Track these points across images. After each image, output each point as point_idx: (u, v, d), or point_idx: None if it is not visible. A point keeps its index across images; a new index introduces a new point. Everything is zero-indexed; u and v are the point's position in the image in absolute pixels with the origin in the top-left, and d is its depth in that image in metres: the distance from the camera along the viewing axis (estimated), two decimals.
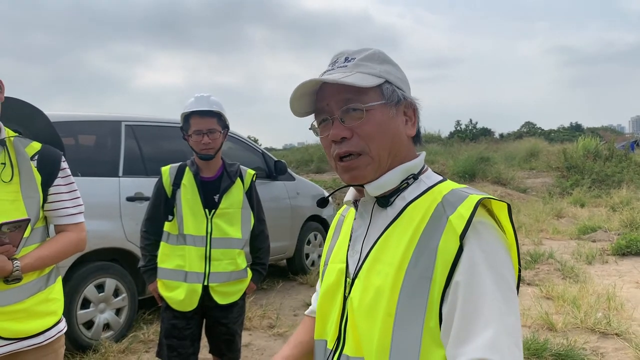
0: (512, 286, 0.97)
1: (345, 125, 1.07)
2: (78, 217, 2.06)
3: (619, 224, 9.33)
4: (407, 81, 1.15)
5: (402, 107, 1.11)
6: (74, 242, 2.03)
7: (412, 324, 0.97)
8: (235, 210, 2.77)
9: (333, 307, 1.14)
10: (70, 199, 2.03)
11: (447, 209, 1.01)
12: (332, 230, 1.31)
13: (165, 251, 2.75)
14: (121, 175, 4.60)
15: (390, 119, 1.08)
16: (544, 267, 6.79)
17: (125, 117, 4.91)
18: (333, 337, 1.12)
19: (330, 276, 1.17)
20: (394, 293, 0.99)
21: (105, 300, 4.35)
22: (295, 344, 1.29)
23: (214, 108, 2.66)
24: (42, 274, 1.95)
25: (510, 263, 1.00)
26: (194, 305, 2.69)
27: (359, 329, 1.04)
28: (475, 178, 16.10)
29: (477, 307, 0.92)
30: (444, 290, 0.96)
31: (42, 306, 1.93)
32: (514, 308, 0.95)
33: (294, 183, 6.45)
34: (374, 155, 1.07)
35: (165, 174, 2.79)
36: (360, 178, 1.09)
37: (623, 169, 16.01)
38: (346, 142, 1.07)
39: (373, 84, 1.06)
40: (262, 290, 6.01)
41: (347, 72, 1.08)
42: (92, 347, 4.15)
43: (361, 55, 1.11)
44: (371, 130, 1.06)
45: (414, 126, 1.13)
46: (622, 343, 4.20)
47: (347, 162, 1.08)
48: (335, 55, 1.14)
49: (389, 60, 1.13)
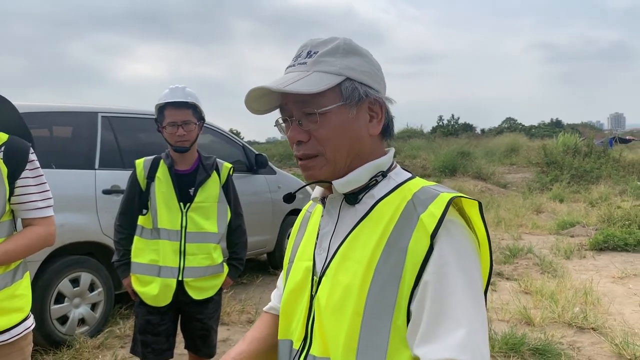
0: (480, 287, 0.97)
1: (303, 127, 1.04)
2: (47, 210, 2.00)
3: (597, 219, 9.45)
4: (376, 73, 1.09)
5: (364, 104, 1.06)
6: (42, 236, 1.97)
7: (380, 322, 0.95)
8: (211, 204, 2.72)
9: (299, 306, 1.11)
10: (39, 192, 1.96)
11: (417, 207, 0.99)
12: (297, 227, 1.28)
13: (139, 245, 2.70)
14: (97, 168, 4.52)
15: (348, 120, 1.04)
16: (523, 262, 6.85)
17: (102, 109, 4.82)
18: (299, 337, 1.09)
19: (296, 274, 1.14)
20: (362, 291, 0.97)
21: (80, 294, 4.28)
22: (251, 340, 1.25)
23: (188, 99, 2.61)
24: (7, 269, 1.89)
25: (479, 263, 1.00)
26: (168, 300, 2.64)
27: (325, 328, 1.01)
28: (457, 173, 16.21)
29: (446, 307, 0.91)
30: (413, 289, 0.94)
31: (7, 302, 1.87)
32: (482, 309, 0.95)
33: (275, 177, 6.41)
34: (329, 158, 1.04)
35: (139, 166, 2.73)
36: (317, 177, 1.07)
37: (601, 165, 16.24)
38: (303, 145, 1.05)
39: (326, 87, 1.00)
40: (242, 284, 5.96)
41: (304, 71, 1.04)
42: (66, 343, 4.07)
43: (324, 48, 1.05)
44: (327, 134, 1.03)
45: (379, 123, 1.08)
46: (598, 337, 4.25)
47: (304, 162, 1.07)
48: (300, 47, 1.10)
49: (355, 50, 1.07)
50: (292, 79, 1.02)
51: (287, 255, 1.25)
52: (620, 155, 17.30)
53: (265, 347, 1.24)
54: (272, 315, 1.31)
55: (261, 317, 1.34)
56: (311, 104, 1.02)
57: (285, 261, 1.25)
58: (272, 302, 1.33)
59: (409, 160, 18.15)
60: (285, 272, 1.23)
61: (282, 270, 1.28)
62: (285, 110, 1.07)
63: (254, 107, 1.08)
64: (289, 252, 1.24)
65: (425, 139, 23.97)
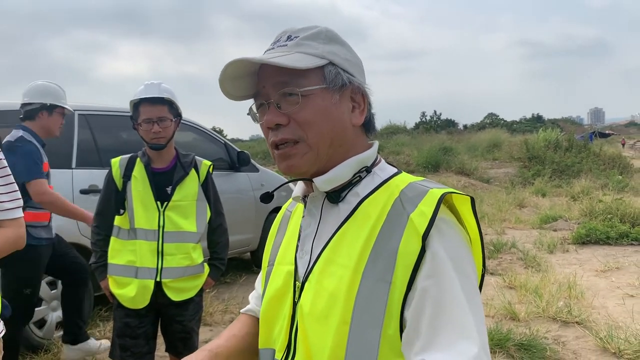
0: (476, 287, 0.91)
1: (282, 110, 0.97)
2: (16, 211, 1.90)
3: (578, 213, 9.52)
4: (358, 63, 1.04)
5: (347, 92, 0.99)
6: (10, 238, 1.87)
7: (369, 332, 0.88)
8: (189, 203, 2.64)
9: (280, 313, 1.04)
10: (6, 193, 1.86)
11: (406, 205, 0.92)
12: (277, 227, 1.20)
13: (115, 246, 2.62)
14: (74, 167, 4.41)
15: (332, 105, 0.97)
16: (507, 257, 6.87)
17: (79, 106, 4.68)
18: (282, 346, 1.01)
19: (277, 279, 1.07)
20: (349, 298, 0.90)
21: (58, 297, 4.15)
22: (228, 337, 1.17)
23: (164, 95, 2.53)
24: None
25: (473, 263, 0.94)
26: (146, 302, 2.57)
27: (310, 337, 0.94)
28: (440, 169, 16.27)
29: (447, 314, 0.85)
30: (406, 295, 0.87)
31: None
32: (480, 312, 0.89)
33: (258, 174, 6.34)
34: (311, 144, 0.97)
35: (115, 165, 2.65)
36: (296, 167, 0.99)
37: (582, 159, 16.41)
38: (282, 129, 0.97)
39: (310, 65, 0.94)
40: (225, 284, 5.88)
41: (285, 51, 0.97)
42: (43, 347, 3.97)
43: (305, 33, 0.99)
44: (309, 116, 0.96)
45: (362, 114, 1.02)
46: (582, 331, 4.26)
47: (283, 149, 0.98)
48: (279, 33, 1.03)
49: (337, 39, 1.02)
50: (273, 56, 0.95)
51: (266, 257, 1.18)
52: (601, 150, 17.53)
53: (243, 346, 1.16)
54: (249, 316, 1.24)
55: (238, 318, 1.26)
56: (292, 84, 0.95)
57: (264, 264, 1.18)
58: (250, 305, 1.26)
59: (393, 156, 18.19)
60: (264, 276, 1.16)
61: (261, 272, 1.21)
62: (262, 94, 1.00)
63: (227, 88, 1.00)
64: (268, 253, 1.17)
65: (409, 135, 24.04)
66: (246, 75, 0.99)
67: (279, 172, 7.67)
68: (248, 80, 1.00)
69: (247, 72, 0.98)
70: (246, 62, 0.95)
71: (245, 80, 1.00)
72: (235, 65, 0.96)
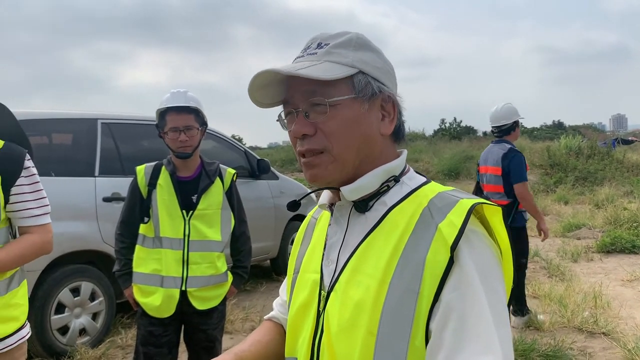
0: (504, 302, 0.89)
1: (310, 120, 0.96)
2: (43, 218, 1.95)
3: (602, 221, 9.35)
4: (389, 71, 1.02)
5: (377, 101, 0.98)
6: (37, 244, 1.92)
7: (397, 343, 0.86)
8: (214, 211, 2.64)
9: (305, 322, 1.02)
10: (35, 200, 1.92)
11: (435, 215, 0.90)
12: (302, 234, 1.18)
13: (140, 255, 2.62)
14: (97, 175, 4.45)
15: (360, 115, 0.96)
16: (530, 266, 6.75)
17: (102, 115, 4.76)
18: (306, 355, 1.00)
19: (303, 288, 1.05)
20: (376, 308, 0.88)
21: (81, 304, 4.21)
22: (252, 342, 1.17)
23: (191, 104, 2.54)
24: (2, 277, 1.85)
25: (502, 277, 0.91)
26: (172, 311, 2.57)
27: (335, 348, 0.93)
28: (460, 176, 16.13)
29: (472, 329, 0.83)
30: (432, 305, 0.86)
31: (2, 311, 1.84)
32: (507, 328, 0.86)
33: (277, 182, 6.34)
34: (336, 154, 0.96)
35: (140, 173, 2.66)
36: (321, 177, 0.98)
37: (605, 167, 16.14)
38: (308, 139, 0.96)
39: (339, 75, 0.93)
40: (245, 291, 5.88)
41: (315, 61, 0.96)
42: (67, 354, 4.00)
43: (336, 40, 0.98)
44: (335, 127, 0.95)
45: (392, 123, 1.00)
46: (609, 342, 4.17)
47: (308, 159, 0.97)
48: (309, 40, 1.02)
49: (369, 46, 1.00)
50: (303, 65, 0.94)
51: (292, 265, 1.16)
52: (624, 157, 17.22)
53: (267, 352, 1.16)
54: (273, 323, 1.24)
55: (262, 324, 1.26)
56: (320, 94, 0.94)
57: (290, 271, 1.17)
58: (274, 311, 1.26)
59: (411, 163, 18.02)
60: (289, 283, 1.15)
61: (287, 279, 1.20)
62: (291, 102, 0.99)
63: (256, 97, 0.99)
64: (293, 261, 1.16)
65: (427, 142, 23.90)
66: (275, 83, 0.98)
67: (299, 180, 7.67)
68: (277, 87, 0.99)
69: (276, 80, 0.97)
70: (268, 72, 0.95)
71: (273, 88, 0.99)
72: (264, 76, 0.95)
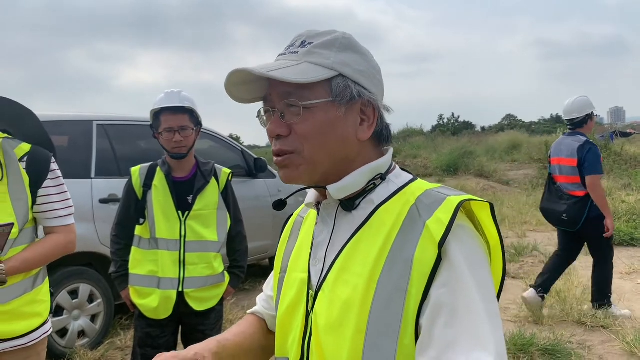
0: (494, 295, 0.90)
1: (285, 120, 0.95)
2: (68, 218, 2.05)
3: None
4: (374, 75, 1.00)
5: (356, 105, 0.96)
6: (61, 244, 2.02)
7: (385, 341, 0.86)
8: (210, 212, 2.64)
9: (294, 322, 1.02)
10: (60, 201, 2.01)
11: (422, 212, 0.90)
12: (289, 233, 1.18)
13: (136, 256, 2.62)
14: (93, 177, 4.44)
15: (336, 119, 0.94)
16: (529, 260, 6.78)
17: (97, 116, 4.75)
18: (296, 355, 1.00)
19: (291, 288, 1.05)
20: (364, 307, 0.88)
21: (79, 306, 4.20)
22: (235, 333, 1.17)
23: (185, 104, 2.53)
24: (28, 275, 1.93)
25: (490, 270, 0.91)
26: (169, 312, 2.57)
27: (324, 347, 0.93)
28: (459, 172, 16.13)
29: (462, 323, 0.83)
30: (421, 303, 0.85)
31: (28, 307, 1.92)
32: (498, 321, 0.86)
33: (275, 180, 6.33)
34: (307, 157, 0.95)
35: (134, 174, 2.65)
36: (292, 178, 0.98)
37: (603, 159, 16.14)
38: (282, 140, 0.96)
39: (314, 79, 0.92)
40: (244, 291, 5.88)
41: (294, 60, 0.95)
42: (66, 356, 4.00)
43: (320, 40, 0.97)
44: (309, 130, 0.94)
45: (370, 128, 0.98)
46: (608, 335, 4.17)
47: (279, 159, 0.97)
48: (295, 37, 1.01)
49: (353, 47, 0.98)
50: (279, 66, 0.94)
51: (278, 263, 1.16)
52: (622, 149, 17.22)
53: (249, 344, 1.16)
54: (256, 317, 1.24)
55: (245, 318, 1.26)
56: (295, 96, 0.93)
57: (276, 270, 1.16)
58: (257, 306, 1.26)
59: (410, 160, 18.06)
60: (276, 283, 1.15)
61: (272, 276, 1.20)
62: (269, 100, 0.98)
63: (235, 93, 0.99)
64: (280, 260, 1.16)
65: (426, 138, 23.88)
66: (255, 80, 0.97)
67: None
68: (259, 82, 0.98)
69: (255, 77, 0.96)
70: (241, 72, 0.94)
71: (256, 83, 0.98)
72: (239, 74, 0.95)
